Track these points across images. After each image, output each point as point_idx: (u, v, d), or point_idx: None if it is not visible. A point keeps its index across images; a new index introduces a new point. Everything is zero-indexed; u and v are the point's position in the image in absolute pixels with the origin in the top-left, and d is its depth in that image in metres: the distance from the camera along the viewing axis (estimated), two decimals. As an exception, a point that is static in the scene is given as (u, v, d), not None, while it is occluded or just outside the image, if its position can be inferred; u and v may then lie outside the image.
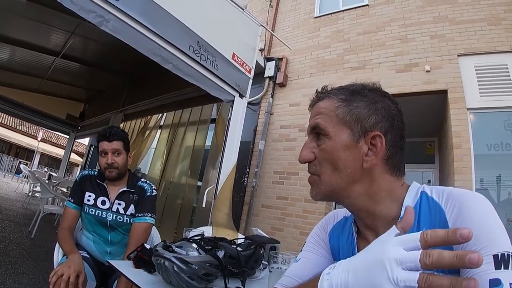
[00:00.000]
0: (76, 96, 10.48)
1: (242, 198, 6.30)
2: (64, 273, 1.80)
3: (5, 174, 21.25)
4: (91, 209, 2.24)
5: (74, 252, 2.01)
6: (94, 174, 2.35)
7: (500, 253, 0.68)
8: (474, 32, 4.92)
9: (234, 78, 4.12)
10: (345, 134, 0.86)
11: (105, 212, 2.24)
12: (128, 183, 2.35)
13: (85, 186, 2.29)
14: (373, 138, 0.85)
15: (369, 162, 0.84)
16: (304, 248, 1.12)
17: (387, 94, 0.94)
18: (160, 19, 3.21)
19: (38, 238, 5.40)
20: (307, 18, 7.33)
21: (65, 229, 2.19)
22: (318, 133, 0.90)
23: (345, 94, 0.91)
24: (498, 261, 0.67)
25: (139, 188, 2.36)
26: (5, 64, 7.73)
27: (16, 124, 25.07)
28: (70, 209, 2.25)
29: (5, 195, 10.38)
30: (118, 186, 2.32)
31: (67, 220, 2.23)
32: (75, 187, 2.31)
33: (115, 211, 2.26)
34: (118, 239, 2.27)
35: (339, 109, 0.89)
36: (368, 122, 0.86)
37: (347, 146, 0.86)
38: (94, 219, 2.24)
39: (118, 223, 2.26)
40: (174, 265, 1.33)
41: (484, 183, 4.47)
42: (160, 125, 7.26)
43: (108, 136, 2.26)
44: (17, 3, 4.76)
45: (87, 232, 2.29)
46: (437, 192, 0.84)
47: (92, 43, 6.35)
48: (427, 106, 5.50)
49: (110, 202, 2.27)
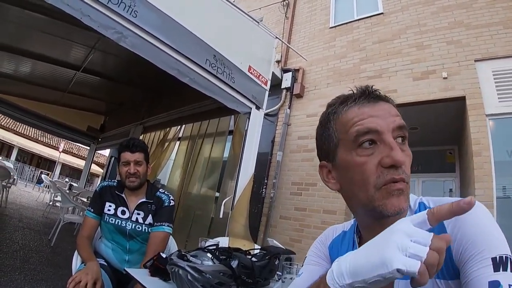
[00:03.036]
0: (97, 108, 10.64)
1: (260, 209, 6.30)
2: (82, 279, 1.85)
3: (26, 184, 21.64)
4: (111, 218, 2.30)
5: (92, 259, 2.08)
6: (114, 185, 2.41)
7: (499, 256, 0.69)
8: (491, 36, 4.88)
9: (251, 90, 4.15)
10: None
11: (124, 221, 2.30)
12: (147, 194, 2.42)
13: (106, 197, 2.36)
14: None
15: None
16: (305, 262, 1.13)
17: None
18: (177, 34, 3.28)
19: (57, 246, 5.49)
20: (322, 29, 7.37)
21: (84, 237, 2.26)
22: (404, 136, 0.84)
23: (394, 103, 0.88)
24: (496, 263, 0.68)
25: (157, 199, 2.42)
26: (28, 78, 7.92)
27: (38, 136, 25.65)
28: (90, 218, 2.31)
29: (26, 204, 10.59)
30: (137, 197, 2.39)
31: (86, 229, 2.29)
32: (96, 197, 2.38)
33: (135, 220, 2.32)
34: (136, 248, 2.32)
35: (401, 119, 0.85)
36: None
37: None
38: (114, 228, 2.30)
39: (137, 232, 2.31)
40: (188, 274, 1.35)
41: (506, 191, 4.37)
42: (179, 137, 7.33)
43: (131, 147, 2.34)
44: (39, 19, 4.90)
45: (106, 241, 2.34)
46: (435, 203, 0.85)
47: (111, 58, 6.48)
48: (446, 113, 5.45)
49: (129, 212, 2.33)
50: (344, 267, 0.65)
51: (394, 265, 0.56)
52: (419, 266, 0.55)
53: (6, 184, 8.26)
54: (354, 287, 0.63)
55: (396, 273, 0.56)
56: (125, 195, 2.37)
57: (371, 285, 0.60)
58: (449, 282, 0.76)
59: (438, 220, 0.60)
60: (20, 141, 24.01)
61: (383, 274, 0.57)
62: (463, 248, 0.73)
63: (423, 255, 0.55)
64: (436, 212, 0.60)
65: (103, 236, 2.38)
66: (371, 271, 0.59)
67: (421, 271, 0.55)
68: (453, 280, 0.75)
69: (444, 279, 0.76)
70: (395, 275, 0.56)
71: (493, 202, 4.15)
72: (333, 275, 0.67)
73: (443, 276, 0.76)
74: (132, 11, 2.90)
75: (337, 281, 0.65)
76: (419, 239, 0.57)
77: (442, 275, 0.76)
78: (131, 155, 2.33)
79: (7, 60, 6.97)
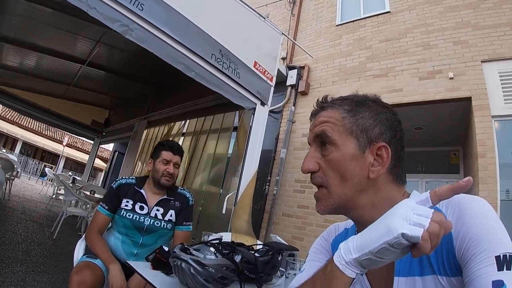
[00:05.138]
0: (101, 102, 10.69)
1: (263, 206, 6.30)
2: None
3: (30, 177, 21.82)
4: (128, 213, 2.32)
5: (113, 261, 2.10)
6: (133, 182, 2.45)
7: (502, 254, 0.68)
8: (498, 37, 4.84)
9: (256, 86, 4.14)
10: (352, 144, 0.87)
11: (143, 217, 2.34)
12: (168, 192, 2.49)
13: (122, 194, 2.37)
14: (379, 149, 0.86)
15: (376, 173, 0.85)
16: (307, 259, 1.14)
17: (387, 105, 0.96)
18: (183, 28, 3.27)
19: (60, 239, 5.52)
20: (328, 26, 7.34)
21: (97, 233, 2.27)
22: (324, 142, 0.90)
23: (350, 105, 0.92)
24: (500, 262, 0.67)
25: (181, 196, 2.53)
26: (33, 71, 7.97)
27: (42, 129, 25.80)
28: (103, 215, 2.32)
29: (29, 196, 10.65)
30: (158, 195, 2.45)
31: (98, 225, 2.30)
32: (111, 194, 2.38)
33: (153, 216, 2.37)
34: (150, 242, 2.35)
35: (345, 119, 0.89)
36: (373, 132, 0.87)
37: (354, 156, 0.86)
38: (130, 223, 2.31)
39: (155, 227, 2.36)
40: (191, 267, 1.34)
41: (510, 194, 4.32)
42: (183, 132, 7.34)
43: (174, 149, 2.50)
44: (44, 12, 4.92)
45: (117, 233, 2.35)
46: None
47: (117, 52, 6.49)
48: (451, 113, 5.42)
49: (148, 207, 2.37)
50: (351, 244, 0.71)
51: (400, 230, 0.62)
52: (422, 231, 0.61)
53: (10, 176, 8.29)
54: (361, 261, 0.68)
55: (401, 238, 0.62)
56: (144, 191, 2.42)
57: (377, 255, 0.66)
58: (451, 279, 0.75)
59: (440, 198, 0.67)
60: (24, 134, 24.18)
61: (389, 240, 0.63)
62: (466, 245, 0.72)
63: (426, 224, 0.62)
64: (438, 191, 0.67)
65: (115, 229, 2.38)
66: (377, 240, 0.65)
67: (424, 236, 0.61)
68: (455, 277, 0.75)
69: (446, 276, 0.76)
70: (400, 240, 0.62)
71: (497, 204, 4.12)
72: (340, 253, 0.72)
73: (445, 272, 0.76)
74: (139, 4, 2.89)
75: (343, 257, 0.71)
76: (422, 213, 0.64)
77: (444, 272, 0.76)
78: (173, 155, 2.48)
79: (13, 53, 7.01)
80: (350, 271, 0.70)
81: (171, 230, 2.44)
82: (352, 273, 0.70)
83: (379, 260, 0.66)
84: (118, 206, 2.34)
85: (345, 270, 0.70)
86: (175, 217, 2.44)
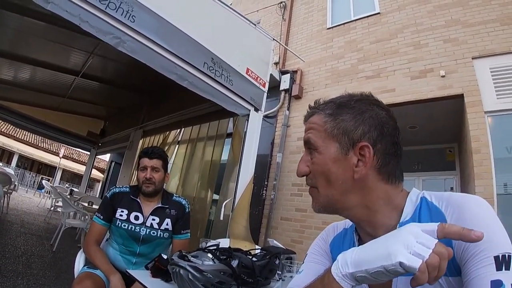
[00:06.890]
0: (97, 113, 10.66)
1: (261, 211, 6.31)
2: None
3: (27, 190, 21.65)
4: (123, 223, 2.31)
5: (113, 272, 2.09)
6: (127, 191, 2.43)
7: (501, 254, 0.68)
8: (487, 33, 4.90)
9: (249, 93, 4.16)
10: (333, 148, 0.89)
11: (138, 226, 2.32)
12: (163, 200, 2.46)
13: (117, 203, 2.36)
14: (361, 149, 0.86)
15: (359, 173, 0.86)
16: (305, 260, 1.15)
17: (376, 102, 0.95)
18: (175, 38, 3.29)
19: (59, 251, 5.52)
20: (319, 30, 7.39)
21: (94, 244, 2.26)
22: (310, 148, 0.94)
23: (331, 109, 0.93)
24: (499, 262, 0.68)
25: (176, 204, 2.50)
26: (27, 84, 7.96)
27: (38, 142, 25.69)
28: (99, 225, 2.31)
29: (27, 210, 10.61)
30: (152, 203, 2.42)
31: (94, 235, 2.30)
32: (106, 204, 2.37)
33: (149, 226, 2.34)
34: (147, 252, 2.34)
35: (327, 123, 0.91)
36: (355, 133, 0.88)
37: (335, 159, 0.88)
38: (126, 233, 2.30)
39: (152, 237, 2.34)
40: (189, 274, 1.37)
41: (507, 188, 4.35)
42: (178, 141, 7.34)
43: (149, 154, 2.43)
44: (38, 26, 4.93)
45: (115, 243, 2.35)
46: (437, 197, 0.85)
47: (110, 63, 6.50)
48: (445, 111, 5.46)
49: (144, 217, 2.35)
50: (349, 257, 0.71)
51: (398, 258, 0.61)
52: (420, 264, 0.60)
53: (7, 190, 8.27)
54: (356, 277, 0.68)
55: (398, 266, 0.61)
56: (140, 200, 2.40)
57: (372, 275, 0.65)
58: (450, 279, 0.76)
59: (446, 236, 0.65)
60: (20, 148, 24.04)
61: (386, 265, 0.63)
62: (465, 245, 0.73)
63: (426, 255, 0.61)
64: (446, 228, 0.65)
65: (113, 239, 2.38)
66: (375, 261, 0.65)
67: (421, 269, 0.60)
68: (454, 277, 0.75)
69: (445, 276, 0.75)
70: (397, 268, 0.62)
71: (494, 199, 4.15)
72: (338, 265, 0.72)
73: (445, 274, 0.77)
74: (130, 16, 2.92)
75: (340, 270, 0.71)
76: (424, 242, 0.63)
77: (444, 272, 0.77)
78: (148, 161, 2.41)
79: (7, 66, 7.01)
80: (346, 284, 0.71)
81: (168, 239, 2.44)
82: (348, 285, 0.70)
83: (374, 279, 0.67)
84: (113, 216, 2.33)
85: (342, 282, 0.71)
86: (171, 225, 2.42)
